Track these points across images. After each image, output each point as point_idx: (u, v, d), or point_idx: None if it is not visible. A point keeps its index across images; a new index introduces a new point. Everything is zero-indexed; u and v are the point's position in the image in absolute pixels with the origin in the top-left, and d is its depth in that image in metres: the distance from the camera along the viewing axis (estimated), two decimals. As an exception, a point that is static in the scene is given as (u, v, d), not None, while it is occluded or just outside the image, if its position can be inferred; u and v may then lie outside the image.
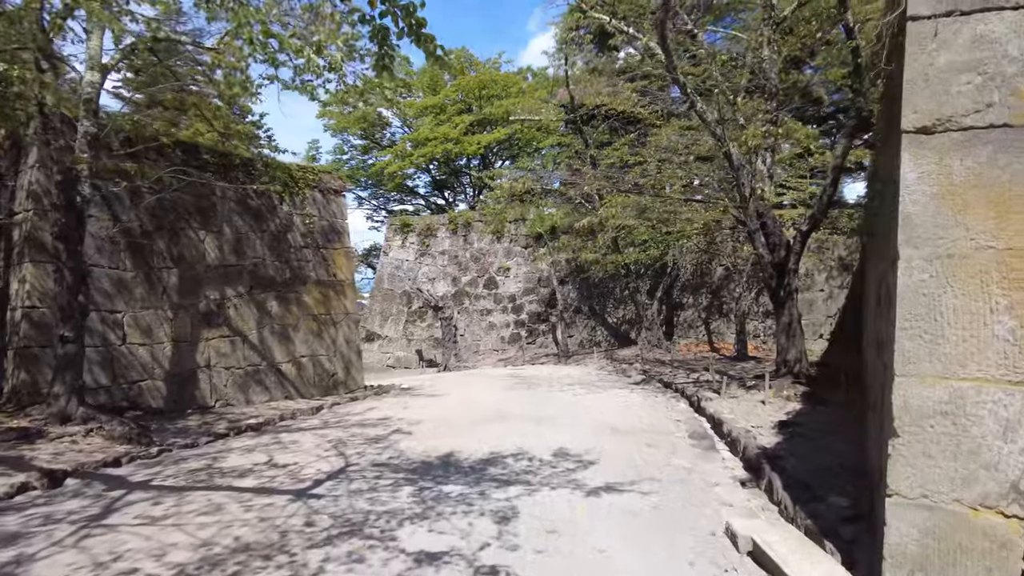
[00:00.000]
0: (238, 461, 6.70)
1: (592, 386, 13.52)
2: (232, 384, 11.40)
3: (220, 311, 11.37)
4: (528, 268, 25.34)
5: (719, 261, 22.16)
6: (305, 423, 9.53)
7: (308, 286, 12.98)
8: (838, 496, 5.25)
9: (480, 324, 25.34)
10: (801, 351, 11.55)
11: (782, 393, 10.70)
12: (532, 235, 25.25)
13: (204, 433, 8.87)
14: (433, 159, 30.04)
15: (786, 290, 11.38)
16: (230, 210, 11.76)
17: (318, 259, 13.28)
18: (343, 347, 13.60)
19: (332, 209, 13.81)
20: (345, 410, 10.87)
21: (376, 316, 26.57)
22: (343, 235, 13.97)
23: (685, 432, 8.35)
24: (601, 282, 23.69)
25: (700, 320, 22.11)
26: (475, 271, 25.93)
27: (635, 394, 12.06)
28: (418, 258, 26.72)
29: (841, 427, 8.03)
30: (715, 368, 14.97)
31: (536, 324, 24.76)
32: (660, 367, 17.16)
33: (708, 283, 22.21)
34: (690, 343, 21.69)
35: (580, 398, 11.61)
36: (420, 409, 10.62)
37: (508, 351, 24.60)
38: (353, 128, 33.02)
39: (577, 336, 23.82)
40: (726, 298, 21.83)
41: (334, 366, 13.37)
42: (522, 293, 25.18)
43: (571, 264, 24.52)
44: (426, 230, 26.83)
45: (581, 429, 8.46)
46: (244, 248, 11.92)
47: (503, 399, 11.56)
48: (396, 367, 25.94)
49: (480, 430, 8.33)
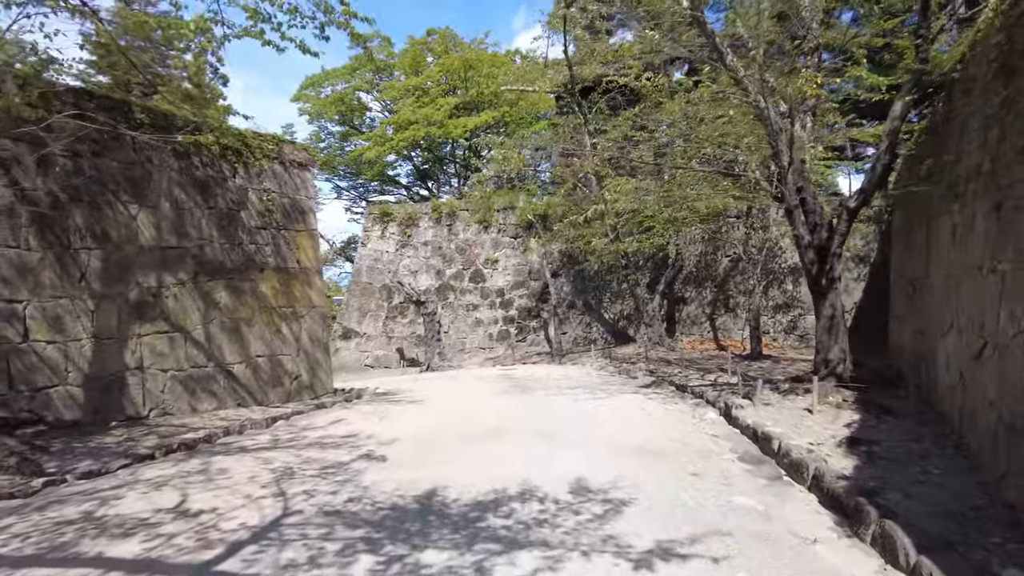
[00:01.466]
0: (135, 506, 4.82)
1: (596, 390, 11.77)
2: (171, 389, 9.48)
3: (156, 301, 9.44)
4: (517, 260, 23.54)
5: (724, 251, 20.53)
6: (252, 440, 7.66)
7: (266, 274, 11.07)
8: (1017, 570, 3.52)
9: (466, 320, 23.51)
10: (844, 349, 9.88)
11: (828, 399, 9.01)
12: (522, 224, 23.44)
13: (122, 454, 6.98)
14: (415, 144, 28.09)
15: (828, 278, 9.70)
16: (170, 181, 9.82)
17: (278, 242, 11.37)
18: (308, 345, 11.72)
19: (295, 185, 11.91)
20: (306, 422, 9.00)
21: (354, 312, 24.61)
22: (308, 215, 12.07)
23: (731, 452, 6.62)
24: (597, 275, 21.95)
25: (704, 315, 20.47)
26: (460, 263, 24.08)
27: (651, 400, 10.32)
28: (399, 249, 24.80)
29: (931, 448, 6.34)
30: (732, 368, 13.28)
31: (526, 320, 22.97)
32: (667, 367, 15.46)
33: (713, 275, 20.58)
34: (694, 340, 20.03)
35: (586, 405, 9.85)
36: (397, 421, 8.80)
37: (496, 349, 22.80)
38: (330, 112, 30.95)
39: (571, 333, 22.07)
40: (732, 291, 20.20)
41: (297, 367, 11.48)
42: (511, 287, 23.38)
43: (564, 255, 22.76)
44: (408, 219, 24.91)
45: (599, 448, 6.69)
46: (187, 227, 9.99)
47: (497, 408, 9.78)
48: (375, 367, 24.02)
49: (471, 452, 6.53)
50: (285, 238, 11.53)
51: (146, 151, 9.45)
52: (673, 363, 16.27)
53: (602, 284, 22.09)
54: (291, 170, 11.91)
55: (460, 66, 26.76)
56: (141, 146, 9.33)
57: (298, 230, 11.81)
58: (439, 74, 27.78)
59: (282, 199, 11.61)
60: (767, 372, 13.43)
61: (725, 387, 11.31)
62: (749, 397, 9.91)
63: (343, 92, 30.71)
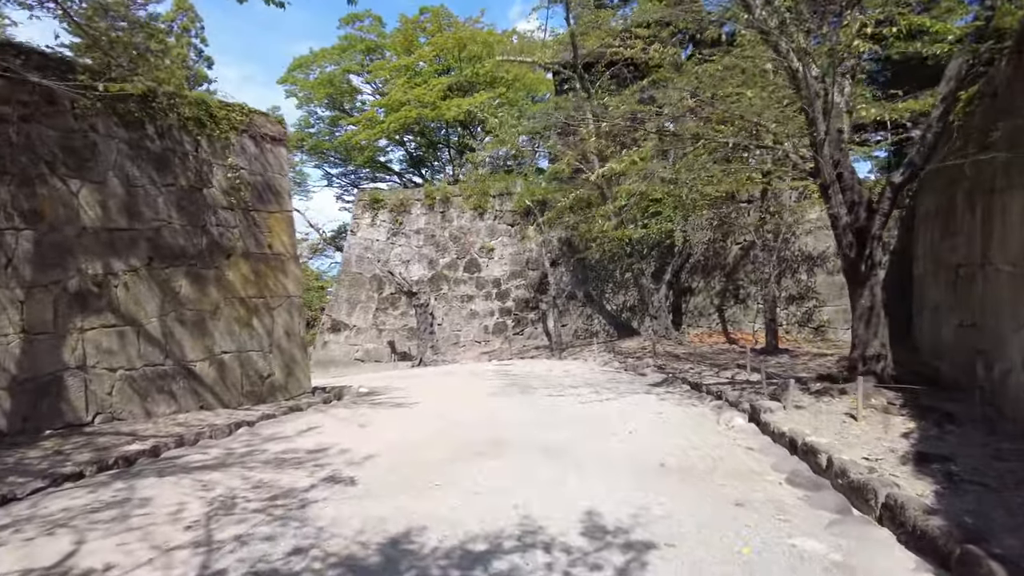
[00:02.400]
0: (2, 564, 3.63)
1: (603, 389, 10.62)
2: (121, 391, 8.30)
3: (103, 291, 8.24)
4: (514, 248, 22.36)
5: (734, 239, 19.37)
6: (202, 454, 6.49)
7: (233, 260, 9.87)
8: None
9: (460, 312, 22.34)
10: (885, 344, 8.74)
11: (870, 402, 7.87)
12: (519, 211, 22.24)
13: (40, 473, 5.81)
14: (407, 127, 26.82)
15: (868, 264, 8.54)
16: (120, 154, 8.59)
17: (248, 225, 10.16)
18: (283, 340, 10.53)
19: (267, 161, 10.69)
20: (272, 430, 7.83)
21: (343, 303, 23.43)
22: (282, 195, 10.85)
23: (774, 471, 5.48)
24: (599, 264, 20.77)
25: (712, 307, 19.33)
26: (455, 252, 22.89)
27: (665, 402, 9.18)
28: (390, 238, 23.60)
29: (1021, 467, 5.20)
30: (751, 364, 12.15)
31: (524, 312, 21.81)
32: (676, 362, 14.33)
33: (722, 264, 19.42)
34: (701, 333, 18.91)
35: (594, 409, 8.70)
36: (377, 429, 7.64)
37: (492, 343, 21.65)
38: (318, 94, 29.63)
39: (571, 325, 20.93)
40: (743, 281, 19.05)
41: (270, 365, 10.29)
42: (508, 277, 22.21)
43: (564, 244, 21.57)
44: (399, 206, 23.69)
45: (615, 467, 5.55)
46: (140, 206, 8.77)
47: (493, 411, 8.63)
48: (365, 360, 22.88)
49: (461, 474, 5.37)
50: (256, 220, 10.31)
51: (89, 118, 8.21)
52: (682, 357, 15.15)
53: (604, 274, 20.93)
54: (263, 145, 10.68)
55: (454, 45, 25.48)
56: (83, 112, 8.10)
57: (271, 211, 10.60)
58: (432, 53, 26.51)
59: (252, 176, 10.38)
60: (787, 368, 12.31)
61: (746, 386, 10.18)
62: (777, 398, 8.78)
63: (332, 74, 29.40)
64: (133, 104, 8.65)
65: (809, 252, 18.41)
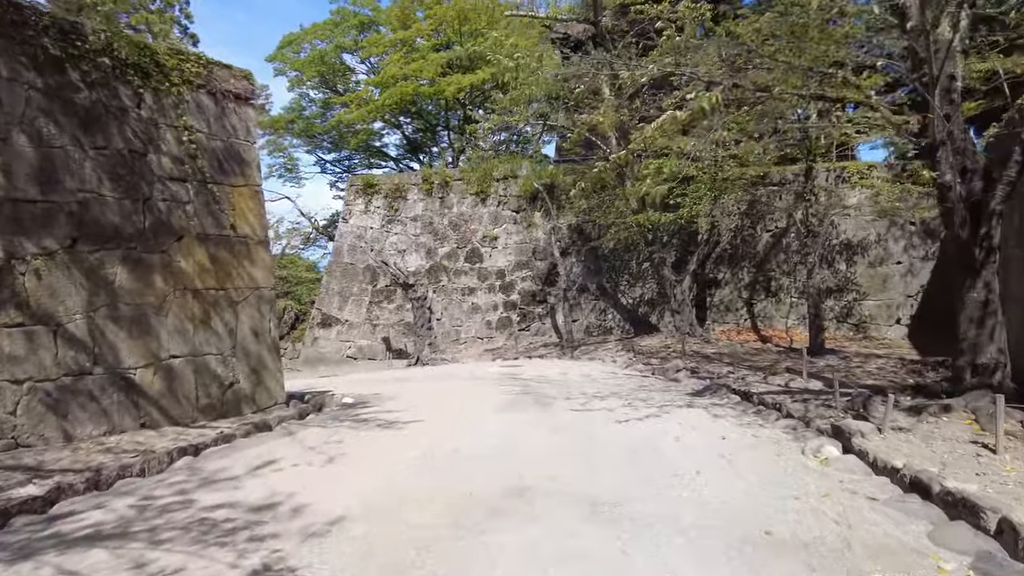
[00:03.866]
0: None
1: (636, 400, 8.79)
2: (29, 409, 6.46)
3: (5, 280, 6.39)
4: (520, 237, 20.50)
5: (764, 225, 17.54)
6: (108, 512, 4.64)
7: (186, 243, 8.00)
8: None
9: (461, 306, 20.50)
10: (1003, 350, 6.91)
11: (1000, 426, 6.05)
12: (525, 196, 20.38)
13: None
14: (403, 106, 24.90)
15: (984, 247, 6.72)
16: (31, 105, 6.72)
17: (205, 201, 8.29)
18: (249, 342, 8.68)
19: (231, 124, 8.80)
20: (218, 464, 5.97)
21: (334, 296, 21.57)
22: (250, 167, 8.96)
23: (937, 546, 3.66)
24: (613, 253, 18.94)
25: (740, 300, 17.51)
26: (455, 241, 21.02)
27: (721, 420, 7.36)
28: (385, 225, 21.73)
29: None
30: (798, 368, 10.33)
31: (530, 306, 19.98)
32: (708, 364, 12.52)
33: (750, 253, 17.59)
34: (728, 329, 17.10)
35: (636, 430, 6.87)
36: (353, 467, 5.80)
37: (496, 339, 19.82)
38: (308, 72, 27.67)
39: (583, 321, 19.10)
40: (774, 272, 17.23)
41: (233, 372, 8.44)
42: (513, 267, 20.36)
43: (574, 231, 19.72)
44: (395, 191, 21.80)
45: (703, 541, 3.74)
46: (59, 173, 6.91)
47: (507, 436, 6.78)
48: (358, 358, 21.04)
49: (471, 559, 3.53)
50: (216, 195, 8.44)
51: (-17, 56, 6.35)
52: (713, 358, 13.34)
53: (619, 264, 19.08)
54: (225, 104, 8.79)
55: (455, 17, 23.55)
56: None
57: (234, 185, 8.73)
58: (430, 28, 24.57)
59: (211, 142, 8.50)
60: (843, 372, 10.52)
61: (808, 396, 8.37)
62: (862, 415, 6.98)
63: (323, 51, 27.43)
64: (49, 39, 6.77)
65: (848, 239, 16.58)
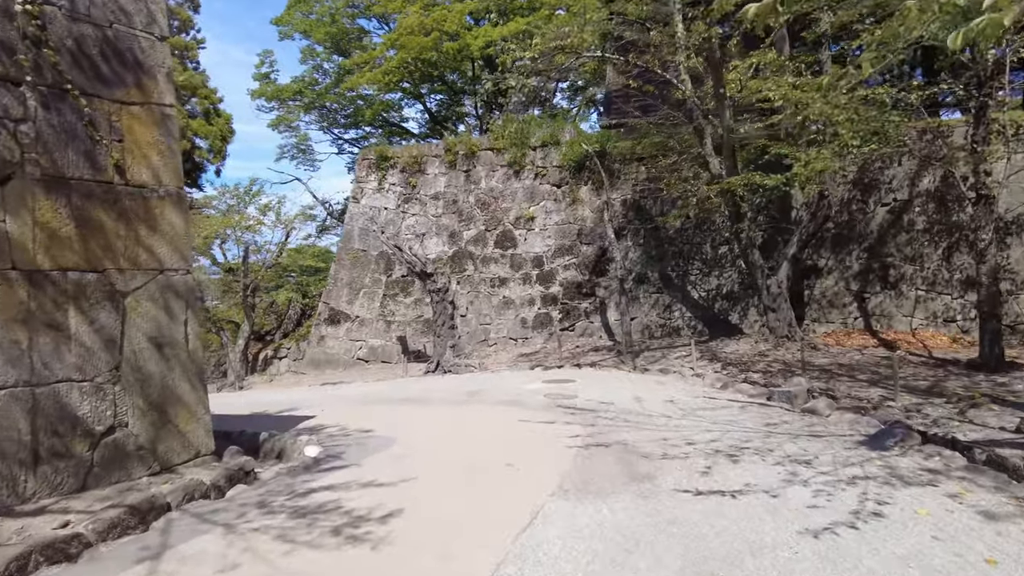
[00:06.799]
0: None
1: (788, 459, 5.19)
2: None
3: None
4: (562, 216, 16.92)
5: (880, 197, 13.67)
6: None
7: (17, 191, 4.62)
8: None
9: (490, 300, 17.02)
10: None
11: None
12: (569, 165, 16.77)
13: None
14: (423, 72, 21.45)
15: None
16: None
17: (63, 124, 4.89)
18: (146, 359, 5.27)
19: (119, 3, 5.39)
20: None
21: (343, 288, 18.28)
22: (151, 74, 5.51)
23: None
24: (681, 234, 15.25)
25: (848, 293, 13.69)
26: (482, 222, 17.55)
27: (987, 528, 3.71)
28: (401, 205, 18.35)
29: None
30: (984, 392, 6.65)
31: (575, 300, 16.40)
32: (836, 381, 8.84)
33: (861, 233, 13.74)
34: (835, 331, 13.30)
35: (847, 567, 3.29)
36: None
37: (533, 341, 16.30)
38: (317, 35, 24.39)
39: (641, 318, 15.44)
40: (894, 257, 13.36)
41: (113, 408, 5.04)
42: (553, 254, 16.80)
43: (630, 207, 16.05)
44: (412, 164, 18.40)
45: None
46: None
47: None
48: (370, 361, 17.74)
49: None
50: (86, 115, 5.02)
51: None
52: (835, 372, 9.65)
53: (688, 248, 15.36)
54: (108, -30, 5.37)
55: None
56: None
57: (124, 102, 5.31)
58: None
59: (76, 26, 5.08)
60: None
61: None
62: None
63: (334, 7, 24.11)
64: None
65: (999, 215, 12.65)
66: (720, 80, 10.33)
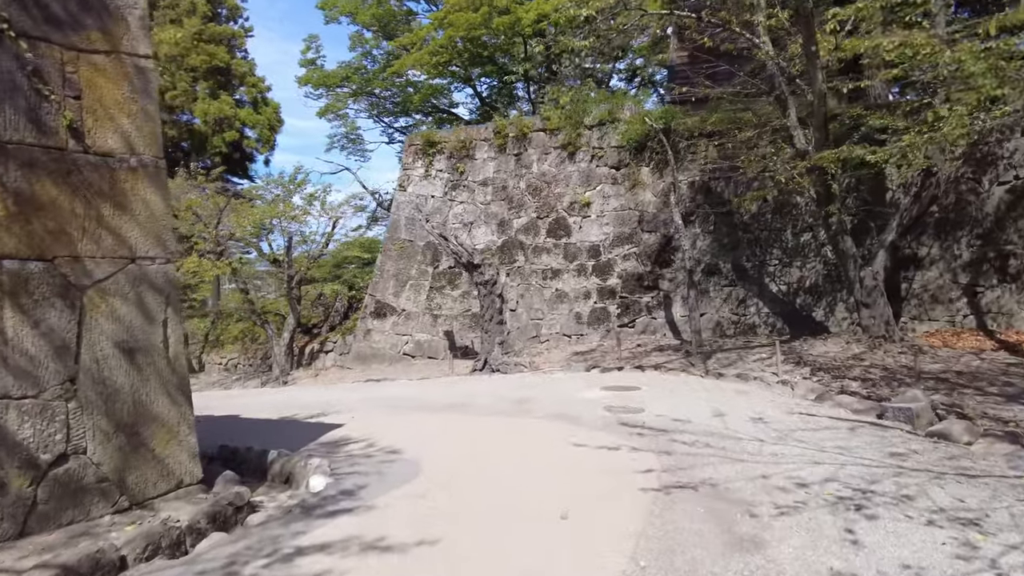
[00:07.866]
0: None
1: (963, 527, 3.77)
2: None
3: None
4: (620, 202, 15.48)
5: (997, 175, 11.72)
6: None
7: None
8: None
9: (542, 293, 15.75)
10: None
11: None
12: (628, 145, 15.30)
13: None
14: (471, 49, 20.26)
15: None
16: None
17: (2, 70, 3.89)
18: (112, 368, 4.26)
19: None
20: None
21: (389, 280, 17.36)
22: (116, 17, 4.49)
23: None
24: (757, 220, 13.60)
25: (955, 287, 11.81)
26: (534, 209, 16.28)
27: None
28: (448, 192, 17.27)
29: None
30: None
31: (635, 294, 14.96)
32: (960, 394, 7.22)
33: (971, 218, 11.82)
34: (942, 331, 11.47)
35: None
36: None
37: (589, 338, 14.96)
38: (362, 17, 23.51)
39: (711, 314, 13.89)
40: (1015, 245, 11.41)
41: (65, 433, 4.04)
42: (611, 243, 15.39)
43: (698, 191, 14.48)
44: (460, 149, 17.28)
45: None
46: None
47: None
48: (415, 356, 16.77)
49: None
50: (32, 65, 4.02)
51: None
52: (956, 383, 7.98)
53: (766, 235, 13.69)
54: None
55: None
56: None
57: (84, 50, 4.30)
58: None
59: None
60: None
61: None
62: None
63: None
64: None
65: None
66: (811, 36, 8.72)
